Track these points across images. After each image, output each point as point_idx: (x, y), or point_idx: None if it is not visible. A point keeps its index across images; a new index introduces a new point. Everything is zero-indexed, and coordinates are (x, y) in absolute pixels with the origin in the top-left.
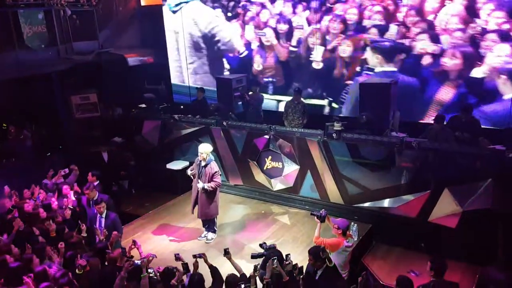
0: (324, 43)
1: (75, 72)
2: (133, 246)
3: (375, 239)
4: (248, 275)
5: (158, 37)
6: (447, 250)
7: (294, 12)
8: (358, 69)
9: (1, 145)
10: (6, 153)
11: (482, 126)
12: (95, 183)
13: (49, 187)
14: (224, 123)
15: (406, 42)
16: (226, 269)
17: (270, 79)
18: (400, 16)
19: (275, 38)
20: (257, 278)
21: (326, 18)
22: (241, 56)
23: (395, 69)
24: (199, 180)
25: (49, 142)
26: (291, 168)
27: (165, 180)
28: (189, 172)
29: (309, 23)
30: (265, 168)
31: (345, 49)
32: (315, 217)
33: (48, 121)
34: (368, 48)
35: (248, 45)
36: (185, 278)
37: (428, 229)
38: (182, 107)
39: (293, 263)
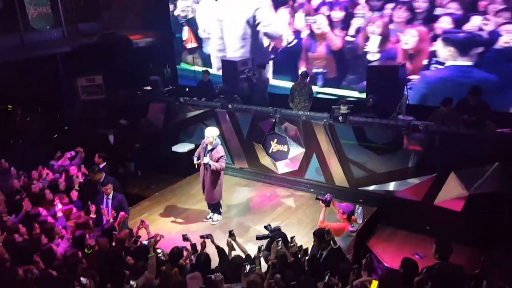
0: (384, 32)
1: (80, 53)
2: (140, 226)
3: (380, 222)
4: (253, 256)
5: (163, 18)
6: (452, 233)
7: None
8: (425, 62)
9: (8, 127)
10: (13, 135)
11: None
12: (102, 165)
13: (55, 168)
14: (230, 106)
15: (485, 33)
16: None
17: (320, 70)
18: (481, 4)
19: (328, 25)
20: (262, 259)
21: (389, 6)
22: (289, 45)
23: (470, 63)
24: (204, 158)
25: (55, 124)
26: (296, 151)
27: (170, 163)
28: (195, 160)
29: (370, 10)
30: (270, 151)
31: (409, 40)
32: (320, 202)
33: (54, 103)
34: (439, 40)
35: (297, 33)
36: (193, 258)
37: (433, 213)
38: (187, 89)
39: (298, 245)
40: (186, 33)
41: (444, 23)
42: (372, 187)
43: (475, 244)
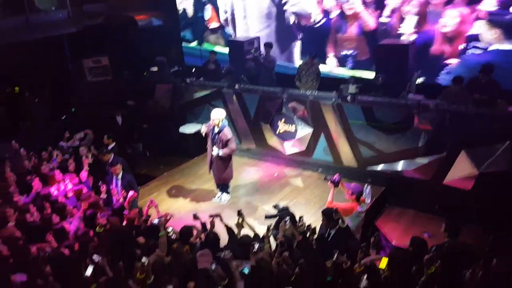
0: (421, 12)
1: (86, 35)
2: (150, 206)
3: (388, 202)
4: (261, 236)
5: None
6: (461, 212)
7: None
8: (462, 46)
9: (16, 109)
10: (22, 116)
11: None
12: (110, 146)
13: (65, 149)
14: (236, 86)
15: None
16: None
17: (350, 52)
18: None
19: (361, 5)
20: (271, 238)
21: None
22: (317, 25)
23: None
24: (213, 147)
25: (62, 106)
26: (304, 131)
27: (178, 143)
28: (203, 128)
29: None
30: (278, 131)
31: (449, 22)
32: (329, 182)
33: (61, 85)
34: (482, 22)
35: (326, 13)
36: (202, 237)
37: (442, 192)
38: (194, 70)
39: (306, 224)
40: (209, 12)
41: (488, 5)
42: (380, 167)
43: (484, 223)
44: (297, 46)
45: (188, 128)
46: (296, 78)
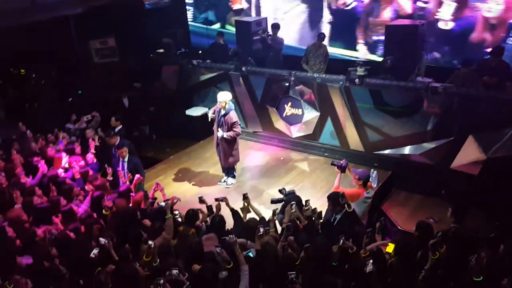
0: None
1: (92, 15)
2: (156, 189)
3: (394, 186)
4: (267, 219)
5: None
6: (468, 197)
7: None
8: (503, 34)
9: (23, 91)
10: (28, 99)
11: None
12: (117, 128)
13: (72, 131)
14: (243, 69)
15: None
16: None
17: (382, 38)
18: None
19: None
20: (276, 222)
21: None
22: (348, 7)
23: None
24: (219, 129)
25: (69, 88)
26: (311, 115)
27: (184, 126)
28: (210, 113)
29: None
30: (284, 114)
31: (493, 7)
32: (336, 167)
33: (68, 67)
34: None
35: None
36: (208, 220)
37: (449, 177)
38: (200, 52)
39: (312, 208)
40: None
41: None
42: (387, 151)
43: (491, 208)
44: (324, 29)
45: (195, 111)
46: (303, 60)
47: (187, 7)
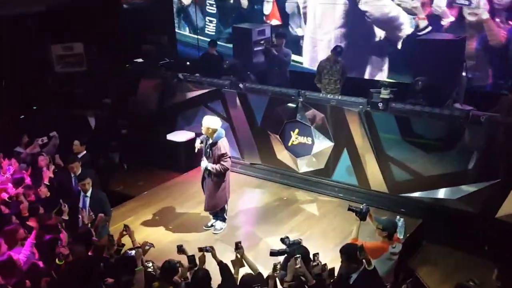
0: None
1: (57, 15)
2: (124, 233)
3: (425, 239)
4: (265, 276)
5: None
6: None
7: None
8: None
9: None
10: None
11: None
12: (81, 154)
13: (22, 157)
14: (241, 85)
15: None
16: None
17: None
18: None
19: (488, 11)
20: (277, 279)
21: None
22: (420, 34)
23: None
24: (204, 158)
25: (22, 102)
26: (322, 145)
27: (165, 154)
28: (197, 143)
29: None
30: (290, 144)
31: None
32: (354, 214)
33: (22, 76)
34: None
35: (433, 18)
36: (188, 276)
37: (494, 228)
38: (188, 63)
39: (322, 264)
40: (269, 5)
41: None
42: (417, 194)
43: None
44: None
45: (178, 136)
46: (316, 78)
47: (191, 14)
